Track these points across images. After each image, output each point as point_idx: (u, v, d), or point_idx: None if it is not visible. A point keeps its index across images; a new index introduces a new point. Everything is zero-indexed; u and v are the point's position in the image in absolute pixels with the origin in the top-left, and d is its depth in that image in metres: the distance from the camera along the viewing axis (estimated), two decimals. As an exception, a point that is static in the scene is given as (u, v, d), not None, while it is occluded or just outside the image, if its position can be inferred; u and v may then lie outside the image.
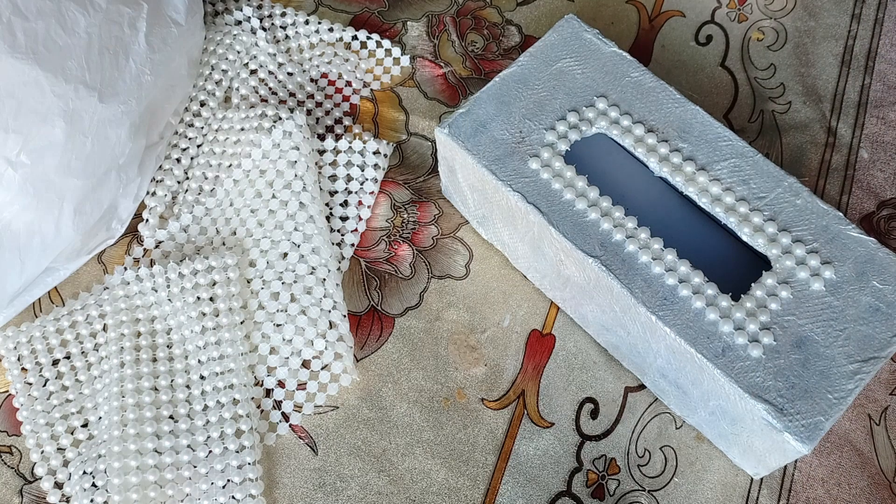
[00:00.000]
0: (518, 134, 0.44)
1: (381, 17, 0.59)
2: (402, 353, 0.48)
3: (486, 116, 0.45)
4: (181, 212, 0.51)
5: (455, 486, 0.44)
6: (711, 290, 0.40)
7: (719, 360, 0.38)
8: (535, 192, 0.43)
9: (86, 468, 0.43)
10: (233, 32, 0.57)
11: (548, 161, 0.44)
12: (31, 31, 0.42)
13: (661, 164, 0.43)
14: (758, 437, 0.39)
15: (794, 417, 0.37)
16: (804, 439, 0.37)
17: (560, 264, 0.44)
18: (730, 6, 0.59)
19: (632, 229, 0.42)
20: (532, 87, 0.46)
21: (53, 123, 0.43)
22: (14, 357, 0.47)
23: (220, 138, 0.53)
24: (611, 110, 0.45)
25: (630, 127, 0.44)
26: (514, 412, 0.46)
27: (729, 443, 0.43)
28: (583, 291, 0.44)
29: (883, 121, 0.55)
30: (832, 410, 0.37)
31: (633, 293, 0.40)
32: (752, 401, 0.38)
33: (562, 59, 0.46)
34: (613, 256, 0.41)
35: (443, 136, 0.45)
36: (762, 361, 0.38)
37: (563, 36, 0.47)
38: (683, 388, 0.42)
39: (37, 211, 0.44)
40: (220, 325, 0.46)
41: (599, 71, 0.46)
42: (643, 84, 0.45)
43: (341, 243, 0.51)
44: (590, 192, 0.43)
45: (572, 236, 0.42)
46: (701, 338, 0.39)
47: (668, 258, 0.41)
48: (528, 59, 0.47)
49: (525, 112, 0.45)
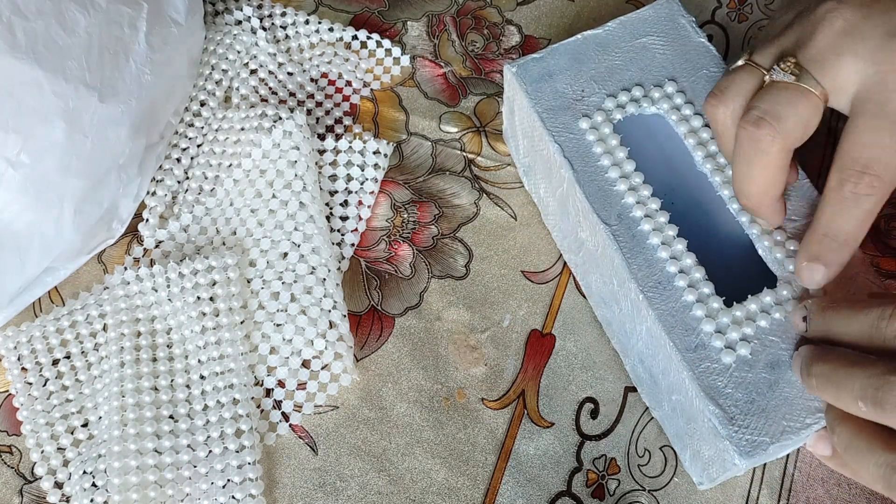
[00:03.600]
0: (580, 92, 0.45)
1: (381, 17, 0.59)
2: (402, 353, 0.48)
3: (556, 68, 0.46)
4: (181, 211, 0.51)
5: (455, 486, 0.44)
6: (707, 289, 0.40)
7: (689, 354, 0.39)
8: (574, 149, 0.43)
9: (86, 468, 0.43)
10: (233, 32, 0.57)
11: (597, 125, 0.44)
12: (31, 30, 0.42)
13: (705, 160, 0.43)
14: (705, 443, 0.39)
15: (741, 430, 0.37)
16: (743, 453, 0.36)
17: (578, 226, 0.45)
18: (730, 6, 0.59)
19: (652, 210, 0.42)
20: (610, 53, 0.46)
21: (53, 123, 0.43)
22: (14, 357, 0.47)
23: (221, 138, 0.53)
24: (676, 96, 0.45)
25: (689, 116, 0.44)
26: (514, 412, 0.46)
27: (683, 444, 0.43)
28: (592, 258, 0.45)
29: (883, 120, 0.54)
30: (782, 436, 0.37)
31: (631, 268, 0.40)
32: (706, 401, 0.37)
33: (648, 34, 0.47)
34: (625, 230, 0.41)
35: (510, 74, 0.46)
36: (730, 369, 0.38)
37: (658, 14, 0.48)
38: (654, 376, 0.43)
39: (37, 211, 0.44)
40: (220, 324, 0.46)
41: (680, 57, 0.46)
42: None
43: (341, 243, 0.51)
44: (626, 165, 0.43)
45: (594, 200, 0.42)
46: (679, 328, 0.39)
47: (676, 247, 0.41)
48: (616, 27, 0.47)
49: (594, 74, 0.46)
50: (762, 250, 0.41)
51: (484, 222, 0.52)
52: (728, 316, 0.39)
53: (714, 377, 0.38)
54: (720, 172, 0.43)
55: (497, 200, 0.52)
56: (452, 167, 0.53)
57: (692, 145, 0.44)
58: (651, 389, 0.44)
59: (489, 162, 0.53)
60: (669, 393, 0.41)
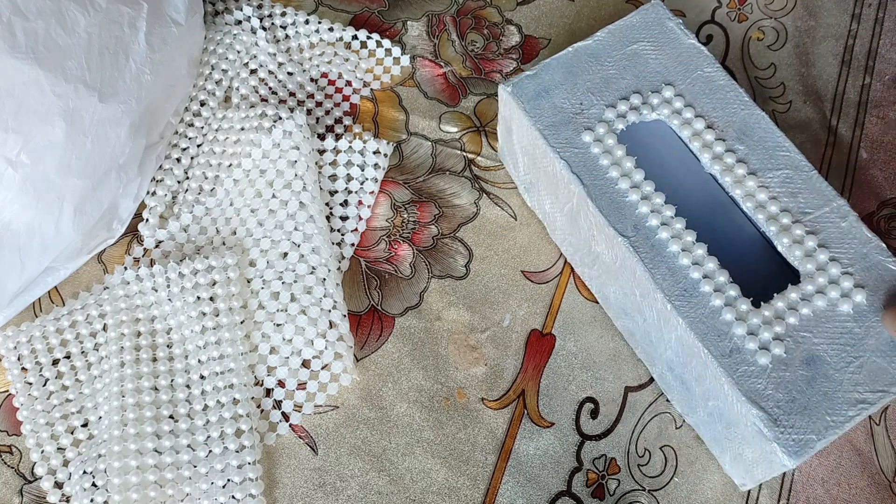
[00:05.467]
0: (578, 105, 0.45)
1: (382, 17, 0.59)
2: (403, 353, 0.48)
3: (552, 83, 0.46)
4: (181, 211, 0.51)
5: (455, 486, 0.44)
6: (733, 292, 0.40)
7: (725, 359, 0.38)
8: (581, 163, 0.43)
9: (86, 468, 0.43)
10: (233, 32, 0.57)
11: (601, 136, 0.44)
12: (31, 30, 0.42)
13: (713, 162, 0.43)
14: (748, 445, 0.39)
15: (787, 430, 0.37)
16: (792, 454, 0.37)
17: (592, 240, 0.44)
18: (730, 6, 0.59)
19: (668, 217, 0.42)
20: (603, 63, 0.46)
21: (53, 123, 0.43)
22: (14, 357, 0.47)
23: (221, 138, 0.53)
24: (675, 100, 0.45)
25: (691, 120, 0.44)
26: (514, 412, 0.46)
27: (723, 448, 0.43)
28: (609, 271, 0.44)
29: (883, 121, 0.55)
30: (827, 432, 0.37)
31: (655, 279, 0.40)
32: (748, 405, 0.37)
33: (639, 41, 0.47)
34: (644, 240, 0.41)
35: (506, 94, 0.46)
36: (767, 370, 0.38)
37: (645, 19, 0.47)
38: (687, 383, 0.42)
39: (37, 211, 0.44)
40: (220, 324, 0.46)
41: (673, 60, 0.46)
42: (714, 80, 0.45)
43: (341, 243, 0.51)
44: (635, 175, 0.43)
45: (608, 213, 0.42)
46: (711, 335, 0.39)
47: (697, 252, 0.41)
48: (606, 36, 0.47)
49: (590, 86, 0.45)
50: (782, 248, 0.41)
51: (484, 222, 0.52)
52: (758, 317, 0.39)
53: (753, 380, 0.38)
54: (730, 173, 0.43)
55: (497, 200, 0.52)
56: (452, 167, 0.53)
57: (698, 148, 0.43)
58: (683, 396, 0.44)
59: (489, 162, 0.53)
60: (705, 399, 0.41)
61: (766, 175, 0.42)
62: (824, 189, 0.42)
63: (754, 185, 0.42)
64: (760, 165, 0.43)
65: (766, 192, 0.42)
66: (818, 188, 0.42)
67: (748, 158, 0.43)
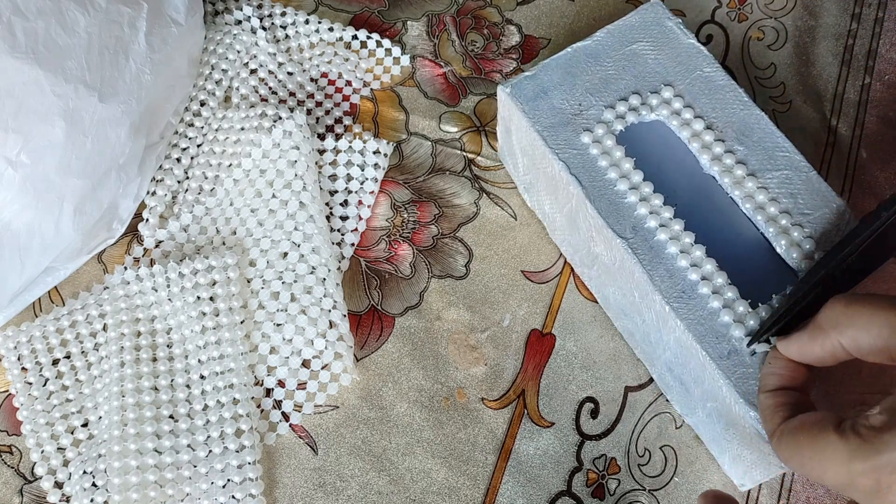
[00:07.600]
0: (577, 106, 0.45)
1: (381, 17, 0.59)
2: (403, 353, 0.48)
3: (550, 84, 0.45)
4: (181, 211, 0.51)
5: (455, 486, 0.44)
6: (731, 294, 0.40)
7: (723, 361, 0.38)
8: (580, 164, 0.43)
9: (86, 468, 0.43)
10: (233, 32, 0.57)
11: (600, 137, 0.44)
12: (31, 30, 0.42)
13: (712, 163, 0.43)
14: (747, 447, 0.39)
15: None
16: None
17: (591, 241, 0.44)
18: (730, 6, 0.59)
19: (666, 219, 0.41)
20: (601, 64, 0.46)
21: (53, 123, 0.43)
22: (14, 357, 0.47)
23: (220, 138, 0.53)
24: (675, 100, 0.45)
25: (690, 120, 0.44)
26: (514, 412, 0.46)
27: (722, 448, 0.43)
28: (608, 272, 0.44)
29: (883, 121, 0.55)
30: None
31: (653, 280, 0.40)
32: (746, 407, 0.37)
33: (638, 41, 0.46)
34: (642, 241, 0.41)
35: (504, 94, 0.46)
36: None
37: (644, 19, 0.47)
38: (686, 385, 0.42)
39: (37, 211, 0.44)
40: (220, 324, 0.46)
41: (673, 60, 0.46)
42: (714, 80, 0.45)
43: (341, 243, 0.51)
44: (633, 176, 0.43)
45: (606, 214, 0.42)
46: (709, 336, 0.39)
47: (695, 254, 0.41)
48: (605, 36, 0.47)
49: (589, 86, 0.45)
50: (780, 249, 0.41)
51: (484, 222, 0.52)
52: (755, 318, 0.39)
53: (751, 382, 0.38)
54: (729, 174, 0.43)
55: (497, 200, 0.52)
56: (452, 167, 0.53)
57: (697, 149, 0.43)
58: (682, 397, 0.44)
59: (489, 162, 0.53)
60: (704, 400, 0.41)
61: (765, 176, 0.42)
62: (824, 190, 0.42)
63: (753, 186, 0.42)
64: (760, 166, 0.43)
65: (765, 194, 0.42)
66: (818, 189, 0.42)
67: (747, 159, 0.43)
